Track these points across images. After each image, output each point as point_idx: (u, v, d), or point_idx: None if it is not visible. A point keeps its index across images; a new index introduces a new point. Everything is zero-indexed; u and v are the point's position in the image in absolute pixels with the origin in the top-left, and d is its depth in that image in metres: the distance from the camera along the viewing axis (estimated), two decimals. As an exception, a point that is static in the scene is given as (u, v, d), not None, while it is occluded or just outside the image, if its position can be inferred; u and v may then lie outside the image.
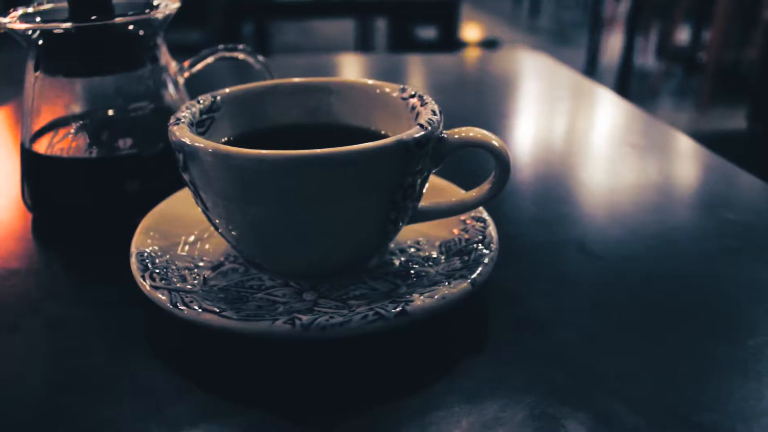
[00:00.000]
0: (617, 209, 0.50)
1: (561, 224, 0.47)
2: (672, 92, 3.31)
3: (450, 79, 0.93)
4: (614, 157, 0.61)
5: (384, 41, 3.51)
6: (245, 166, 0.29)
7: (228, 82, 0.41)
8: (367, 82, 0.39)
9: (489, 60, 1.14)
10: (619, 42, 3.45)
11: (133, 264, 0.35)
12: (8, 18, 0.43)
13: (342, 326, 0.29)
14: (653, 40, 3.85)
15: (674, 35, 3.34)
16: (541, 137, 0.68)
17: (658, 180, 0.55)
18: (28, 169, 0.45)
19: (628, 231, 0.46)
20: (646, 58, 3.78)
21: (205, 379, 0.31)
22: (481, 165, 0.55)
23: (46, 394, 0.30)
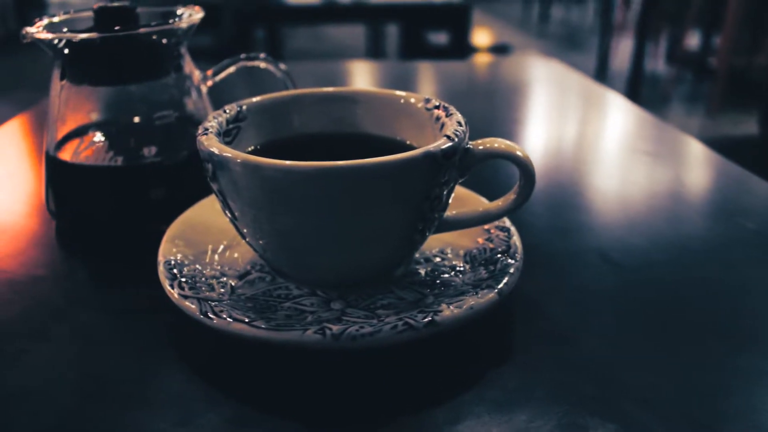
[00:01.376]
0: (635, 217, 0.50)
1: (580, 233, 0.47)
2: (682, 98, 3.30)
3: (463, 87, 0.93)
4: (629, 164, 0.61)
5: (395, 46, 3.52)
6: (275, 176, 0.30)
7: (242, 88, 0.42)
8: (391, 92, 0.40)
9: (502, 66, 1.14)
10: (629, 47, 3.45)
11: (161, 273, 0.35)
12: (35, 27, 0.43)
13: (372, 336, 0.29)
14: (663, 45, 3.84)
15: (685, 40, 3.33)
16: (556, 145, 0.68)
17: (675, 188, 0.55)
18: (53, 177, 0.45)
19: (648, 239, 0.46)
20: (656, 64, 3.77)
21: (233, 388, 0.31)
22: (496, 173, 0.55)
23: (75, 402, 0.30)
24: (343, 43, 4.41)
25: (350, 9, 2.68)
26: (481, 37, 4.38)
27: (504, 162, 0.35)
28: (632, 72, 3.11)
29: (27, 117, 0.77)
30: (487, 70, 1.06)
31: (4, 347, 0.35)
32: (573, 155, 0.65)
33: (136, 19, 0.44)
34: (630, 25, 3.93)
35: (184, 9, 0.47)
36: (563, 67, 1.00)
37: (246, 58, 0.48)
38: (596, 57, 3.64)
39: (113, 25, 0.43)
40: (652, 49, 3.73)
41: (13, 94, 3.44)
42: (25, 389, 0.31)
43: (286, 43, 3.87)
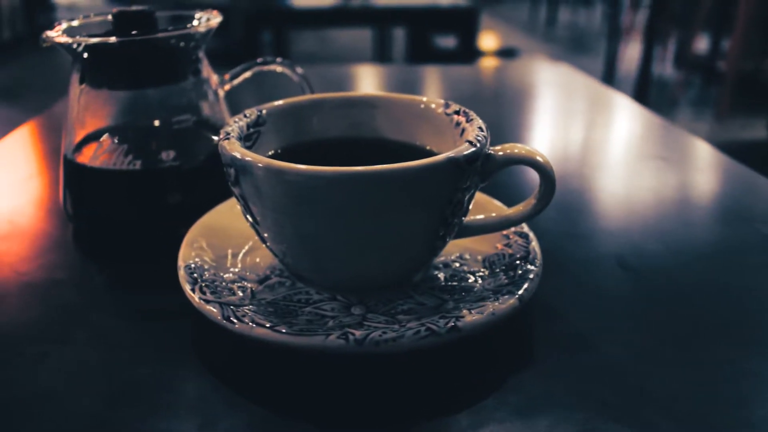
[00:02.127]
0: (650, 222, 0.50)
1: (595, 238, 0.47)
2: (691, 101, 3.30)
3: (472, 91, 0.93)
4: (642, 168, 0.61)
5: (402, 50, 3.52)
6: (299, 181, 0.30)
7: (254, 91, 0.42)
8: (411, 97, 0.40)
9: (511, 70, 1.14)
10: (637, 51, 3.45)
11: (181, 277, 0.35)
12: (54, 31, 0.44)
13: (395, 341, 0.29)
14: (671, 49, 3.84)
15: (693, 44, 3.33)
16: (568, 149, 0.68)
17: (688, 192, 0.56)
18: (71, 180, 0.45)
19: (663, 245, 0.46)
20: (664, 67, 3.77)
21: (254, 392, 0.31)
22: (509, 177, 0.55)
23: (100, 406, 0.31)
24: (350, 46, 4.42)
25: (357, 12, 2.69)
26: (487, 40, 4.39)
27: (517, 167, 0.35)
28: (640, 76, 3.11)
29: (41, 120, 0.78)
30: (495, 74, 1.06)
31: (25, 350, 0.35)
32: (585, 160, 0.65)
33: (155, 23, 0.44)
34: (638, 29, 3.93)
35: (202, 13, 0.47)
36: (573, 71, 1.00)
37: (263, 62, 0.49)
38: (603, 60, 3.63)
39: (132, 29, 0.43)
40: (660, 52, 3.73)
41: (23, 96, 3.45)
42: (49, 393, 0.32)
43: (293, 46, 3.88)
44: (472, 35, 2.64)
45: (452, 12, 2.65)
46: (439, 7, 2.69)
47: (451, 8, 2.67)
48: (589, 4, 6.21)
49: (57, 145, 0.69)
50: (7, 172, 0.62)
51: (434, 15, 2.70)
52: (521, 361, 0.34)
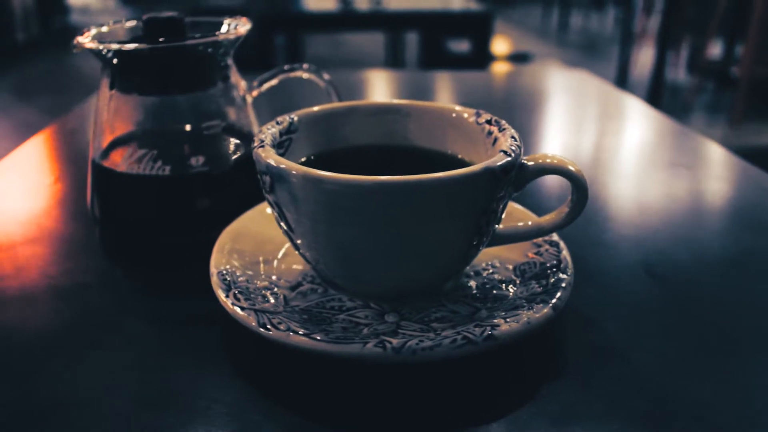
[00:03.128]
0: (676, 231, 0.50)
1: (621, 246, 0.47)
2: (704, 107, 3.29)
3: (488, 97, 0.93)
4: (665, 176, 0.61)
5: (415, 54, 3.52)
6: (337, 190, 0.30)
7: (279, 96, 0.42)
8: (443, 105, 0.40)
9: (527, 76, 1.14)
10: (650, 56, 3.44)
11: (215, 283, 0.35)
12: (84, 37, 0.44)
13: (432, 350, 0.29)
14: (684, 54, 3.83)
15: (707, 49, 3.31)
16: (590, 157, 0.67)
17: (713, 201, 0.55)
18: (99, 185, 0.45)
19: (690, 253, 0.46)
20: (677, 73, 3.76)
21: (288, 399, 0.32)
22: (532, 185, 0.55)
23: (134, 411, 0.31)
24: (363, 50, 4.43)
25: (369, 17, 2.68)
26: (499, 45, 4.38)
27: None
28: (653, 81, 3.10)
29: (62, 123, 0.78)
30: (512, 80, 1.06)
31: (58, 354, 0.35)
32: (606, 167, 0.65)
33: (184, 29, 0.44)
34: (650, 34, 3.92)
35: (231, 20, 0.47)
36: (591, 77, 1.00)
37: (289, 69, 0.49)
38: (616, 66, 3.63)
39: (161, 35, 0.43)
40: (673, 58, 3.72)
41: (37, 98, 3.47)
42: (85, 397, 0.32)
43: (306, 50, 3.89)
44: (485, 40, 2.63)
45: (466, 16, 2.65)
46: (452, 11, 2.69)
47: (465, 13, 2.67)
48: (602, 9, 6.20)
49: (79, 149, 0.70)
50: (30, 175, 0.62)
51: (447, 19, 2.70)
52: (555, 370, 0.34)
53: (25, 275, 0.43)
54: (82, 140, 0.74)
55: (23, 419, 0.31)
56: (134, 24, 0.47)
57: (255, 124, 0.48)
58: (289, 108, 0.41)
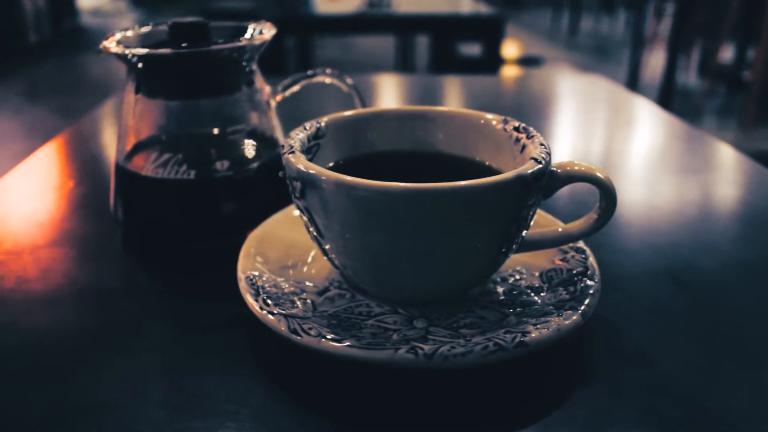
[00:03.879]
0: (700, 237, 0.50)
1: (646, 253, 0.47)
2: (715, 111, 3.28)
3: (502, 102, 0.93)
4: (686, 183, 0.61)
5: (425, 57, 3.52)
6: (370, 197, 0.30)
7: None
8: (470, 112, 0.40)
9: (541, 81, 1.14)
10: (660, 59, 3.43)
11: (243, 288, 0.35)
12: (109, 41, 0.44)
13: (464, 356, 0.29)
14: (695, 57, 3.82)
15: (719, 53, 3.30)
16: (610, 163, 0.67)
17: (736, 207, 0.55)
18: (123, 188, 0.46)
19: (715, 260, 0.45)
20: (688, 76, 3.75)
21: (318, 403, 0.32)
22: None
23: (167, 416, 0.31)
24: (373, 53, 4.43)
25: (379, 20, 2.68)
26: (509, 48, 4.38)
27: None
28: (664, 85, 3.09)
29: (80, 126, 0.78)
30: (525, 85, 1.06)
31: (86, 358, 0.35)
32: (627, 173, 0.65)
33: (209, 34, 0.45)
34: (661, 37, 3.91)
35: (255, 25, 0.47)
36: (606, 81, 1.00)
37: (313, 74, 0.49)
38: (627, 69, 3.62)
39: (186, 40, 0.43)
40: (683, 61, 3.71)
41: (49, 99, 3.49)
42: (114, 402, 0.32)
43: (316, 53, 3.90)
44: (497, 44, 2.63)
45: (477, 20, 2.65)
46: (463, 15, 2.69)
47: (477, 16, 2.67)
48: (612, 13, 6.19)
49: (98, 152, 0.70)
50: (50, 178, 0.62)
51: (458, 23, 2.70)
52: (583, 377, 0.34)
53: (49, 278, 0.43)
54: (100, 143, 0.75)
55: (51, 424, 0.31)
56: (159, 28, 0.47)
57: (278, 129, 0.48)
58: (307, 112, 0.41)
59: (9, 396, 0.32)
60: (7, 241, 0.48)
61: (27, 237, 0.49)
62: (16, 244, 0.47)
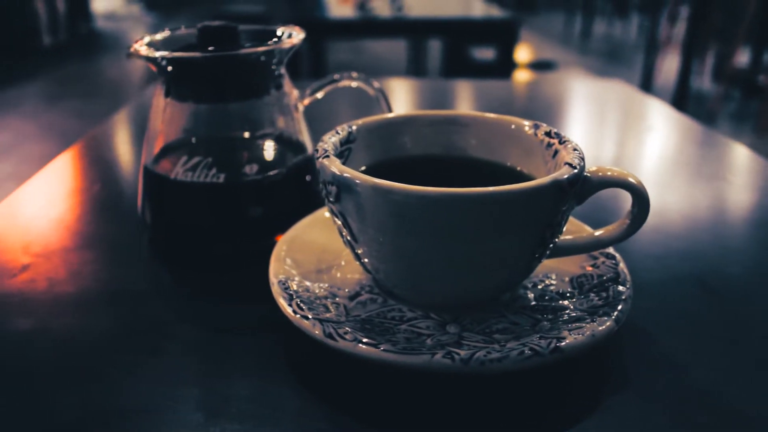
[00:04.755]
0: (726, 244, 0.49)
1: (673, 259, 0.47)
2: (730, 116, 3.26)
3: (520, 108, 0.93)
4: (710, 189, 0.61)
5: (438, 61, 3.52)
6: (406, 201, 0.30)
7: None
8: (502, 117, 0.40)
9: (558, 86, 1.13)
10: (674, 64, 3.42)
11: (276, 292, 0.35)
12: (139, 44, 0.44)
13: (500, 362, 0.29)
14: (710, 62, 3.80)
15: (734, 57, 3.29)
16: (635, 170, 0.67)
17: (760, 212, 0.55)
18: (152, 191, 0.46)
19: (743, 267, 0.45)
20: (702, 81, 3.73)
21: (353, 407, 0.32)
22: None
23: (201, 419, 0.31)
24: (385, 57, 4.44)
25: (390, 24, 2.68)
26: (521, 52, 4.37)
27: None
28: (678, 89, 3.08)
29: (102, 129, 0.79)
30: (542, 90, 1.06)
31: (117, 361, 0.35)
32: (652, 179, 0.64)
33: (238, 38, 0.45)
34: (675, 41, 3.89)
35: (284, 29, 0.47)
36: (627, 87, 0.99)
37: (340, 78, 0.49)
38: (640, 74, 3.61)
39: (215, 44, 0.44)
40: (698, 65, 3.69)
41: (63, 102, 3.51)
42: (147, 404, 0.32)
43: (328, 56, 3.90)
44: (510, 48, 2.62)
45: (491, 24, 2.64)
46: (476, 18, 2.68)
47: (491, 20, 2.66)
48: (625, 17, 6.17)
49: (120, 155, 0.70)
50: (75, 181, 0.63)
51: (472, 27, 2.69)
52: (615, 383, 0.34)
53: (79, 281, 0.43)
54: (122, 147, 0.75)
55: (87, 426, 0.31)
56: (188, 32, 0.47)
57: (306, 133, 0.48)
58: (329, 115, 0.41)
59: (43, 398, 0.33)
60: (35, 243, 0.48)
61: (55, 240, 0.49)
62: (45, 247, 0.48)
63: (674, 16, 4.05)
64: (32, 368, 0.35)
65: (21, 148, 2.79)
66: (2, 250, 0.48)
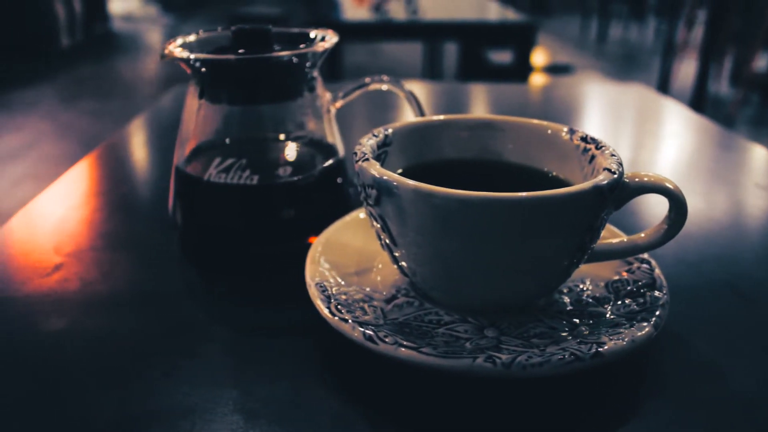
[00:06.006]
0: (757, 249, 0.49)
1: (705, 265, 0.46)
2: (748, 120, 3.24)
3: (543, 113, 0.92)
4: (739, 193, 0.60)
5: (453, 64, 3.52)
6: (449, 205, 0.30)
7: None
8: (538, 122, 0.40)
9: (579, 90, 1.13)
10: (691, 68, 3.40)
11: (313, 295, 0.35)
12: (173, 46, 0.45)
13: (542, 366, 0.29)
14: (728, 66, 3.78)
15: (753, 61, 3.26)
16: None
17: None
18: (184, 192, 0.46)
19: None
20: (719, 85, 3.71)
21: (392, 410, 0.32)
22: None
23: (240, 422, 0.31)
24: (400, 59, 4.44)
25: (406, 26, 2.67)
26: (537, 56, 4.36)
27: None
28: (695, 94, 3.06)
29: (127, 132, 0.79)
30: (562, 93, 1.05)
31: (154, 363, 0.35)
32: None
33: (272, 40, 0.45)
34: (692, 46, 3.87)
35: (317, 31, 0.48)
36: (650, 91, 0.99)
37: (371, 81, 0.49)
38: (657, 78, 3.59)
39: (250, 46, 0.44)
40: (715, 70, 3.67)
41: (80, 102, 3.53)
42: (187, 406, 0.32)
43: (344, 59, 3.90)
44: (527, 51, 2.61)
45: (508, 27, 2.63)
46: (493, 22, 2.68)
47: (508, 23, 2.66)
48: (642, 20, 6.14)
49: (146, 156, 0.71)
50: (103, 182, 0.63)
51: (488, 30, 2.68)
52: (652, 389, 0.33)
53: (111, 281, 0.44)
54: (148, 148, 0.76)
55: (124, 427, 0.31)
56: (221, 33, 0.48)
57: (338, 135, 0.49)
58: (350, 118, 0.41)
59: (80, 398, 0.33)
60: (65, 243, 0.49)
61: (85, 240, 0.50)
62: (75, 247, 0.48)
63: (692, 20, 4.03)
64: (68, 368, 0.35)
65: (38, 148, 2.82)
66: (33, 250, 0.48)
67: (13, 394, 0.33)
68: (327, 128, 0.48)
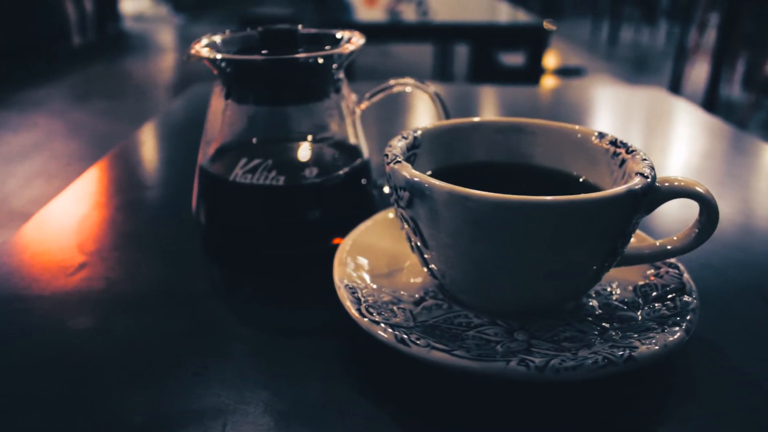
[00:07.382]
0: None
1: (731, 270, 0.46)
2: (761, 124, 3.22)
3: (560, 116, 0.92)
4: (760, 199, 0.60)
5: (464, 66, 3.51)
6: (482, 208, 0.30)
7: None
8: (567, 125, 0.40)
9: (594, 94, 1.13)
10: (702, 71, 3.38)
11: (342, 296, 0.35)
12: (200, 45, 0.45)
13: (575, 370, 0.29)
14: (740, 70, 3.76)
15: (766, 65, 3.25)
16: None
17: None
18: (209, 192, 0.46)
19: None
20: (731, 89, 3.69)
21: (424, 412, 0.32)
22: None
23: (271, 423, 0.31)
24: (411, 61, 4.43)
25: (416, 28, 2.67)
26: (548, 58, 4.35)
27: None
28: (707, 97, 3.05)
29: (144, 132, 0.80)
30: (577, 97, 1.05)
31: (183, 363, 0.35)
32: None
33: (298, 41, 0.45)
34: (704, 49, 3.86)
35: (344, 33, 0.48)
36: (668, 95, 0.99)
37: (395, 83, 0.49)
38: (668, 81, 3.58)
39: (276, 47, 0.44)
40: (727, 73, 3.65)
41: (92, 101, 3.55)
42: (217, 407, 0.32)
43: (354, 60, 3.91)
44: (539, 54, 2.60)
45: (520, 29, 2.63)
46: (504, 24, 2.67)
47: (519, 25, 2.65)
48: (653, 23, 6.12)
49: (164, 157, 0.71)
50: (125, 182, 0.63)
51: (499, 32, 2.67)
52: (683, 394, 0.33)
53: (137, 281, 0.44)
54: (167, 148, 0.76)
55: (154, 427, 0.31)
56: (247, 34, 0.48)
57: (362, 137, 0.49)
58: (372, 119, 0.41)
59: (109, 398, 0.33)
60: (89, 242, 0.49)
61: (108, 239, 0.50)
62: (99, 246, 0.48)
63: (703, 24, 4.01)
64: (98, 368, 0.35)
65: (50, 147, 2.83)
66: (58, 248, 0.48)
67: (43, 393, 0.33)
68: (352, 130, 0.48)
